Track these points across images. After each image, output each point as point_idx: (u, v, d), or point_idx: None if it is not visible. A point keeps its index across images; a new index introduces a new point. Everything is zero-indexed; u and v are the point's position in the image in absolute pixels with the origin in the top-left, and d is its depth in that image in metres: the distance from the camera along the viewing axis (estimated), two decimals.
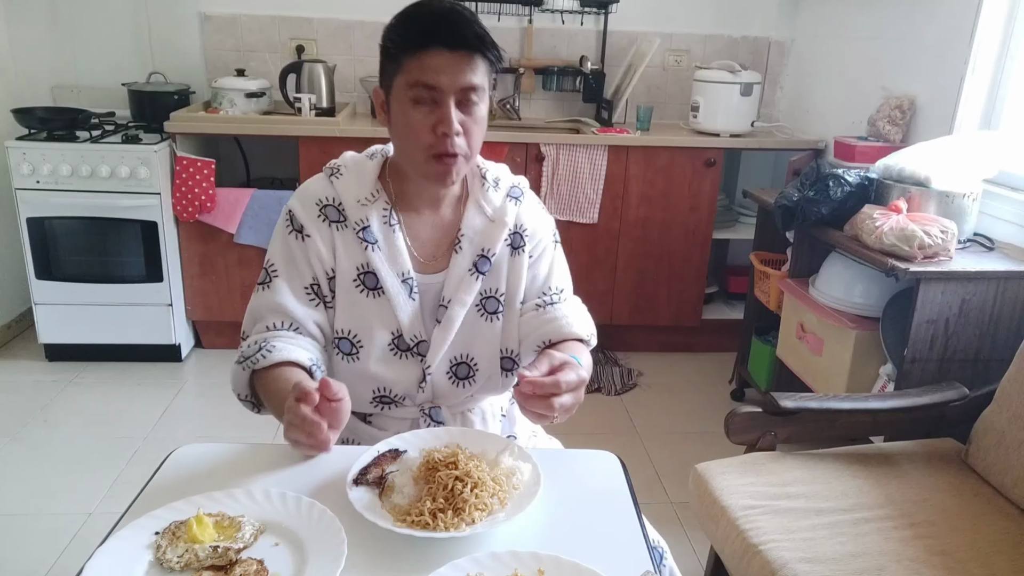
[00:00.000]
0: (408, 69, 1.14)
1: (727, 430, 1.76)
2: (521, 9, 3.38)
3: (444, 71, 1.13)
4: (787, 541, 1.47)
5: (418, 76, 1.14)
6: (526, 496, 0.97)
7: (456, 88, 1.14)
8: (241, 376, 1.22)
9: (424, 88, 1.14)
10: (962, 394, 1.84)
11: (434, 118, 1.15)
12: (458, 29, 1.14)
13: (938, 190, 2.13)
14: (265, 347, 1.19)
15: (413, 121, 1.16)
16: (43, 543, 2.07)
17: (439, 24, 1.13)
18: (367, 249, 1.24)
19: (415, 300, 1.26)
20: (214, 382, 3.03)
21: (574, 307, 1.33)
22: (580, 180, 3.12)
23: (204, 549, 0.86)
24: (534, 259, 1.32)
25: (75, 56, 3.31)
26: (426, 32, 1.13)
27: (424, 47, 1.13)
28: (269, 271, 1.27)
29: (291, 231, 1.26)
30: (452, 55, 1.13)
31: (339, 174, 1.29)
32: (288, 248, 1.26)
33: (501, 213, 1.29)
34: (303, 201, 1.27)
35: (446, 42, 1.13)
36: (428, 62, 1.13)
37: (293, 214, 1.26)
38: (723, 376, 3.22)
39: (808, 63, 3.40)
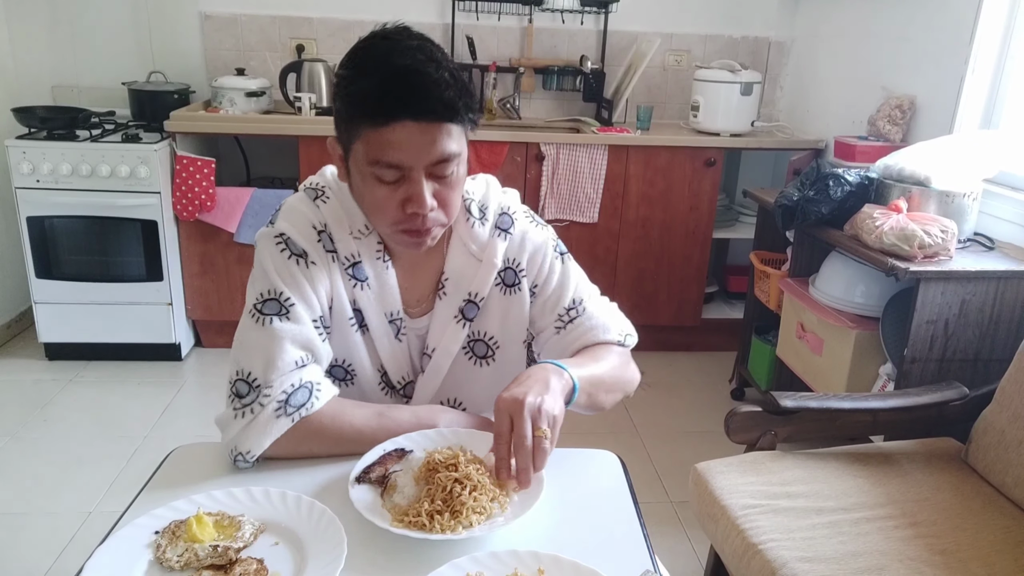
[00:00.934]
0: (367, 142, 0.98)
1: (727, 429, 1.76)
2: (521, 8, 3.38)
3: (409, 147, 0.97)
4: (787, 540, 1.47)
5: (379, 154, 0.98)
6: (527, 502, 0.96)
7: (426, 163, 0.99)
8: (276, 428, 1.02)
9: (387, 167, 0.99)
10: (962, 393, 1.84)
11: (402, 194, 1.01)
12: (423, 97, 0.95)
13: (938, 190, 2.13)
14: (314, 388, 1.05)
15: (378, 198, 1.02)
16: (43, 542, 2.07)
17: (401, 92, 0.95)
18: (355, 287, 1.13)
19: (402, 342, 1.18)
20: (214, 381, 3.03)
21: (599, 311, 1.22)
22: (580, 180, 3.12)
23: (204, 548, 0.86)
24: (539, 288, 1.21)
25: (75, 55, 3.31)
26: (385, 102, 0.95)
27: (385, 121, 0.96)
28: (282, 301, 1.08)
29: (291, 256, 1.10)
30: (417, 126, 0.96)
31: (325, 198, 1.14)
32: (293, 275, 1.09)
33: (490, 252, 1.16)
34: (297, 225, 1.11)
35: (411, 113, 0.95)
36: (389, 138, 0.96)
37: (289, 239, 1.10)
38: (723, 375, 3.22)
39: (808, 63, 3.40)
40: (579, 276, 1.24)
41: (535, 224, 1.22)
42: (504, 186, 1.26)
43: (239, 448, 1.03)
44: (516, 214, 1.20)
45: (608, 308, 1.25)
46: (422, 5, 3.39)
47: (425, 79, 0.96)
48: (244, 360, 1.07)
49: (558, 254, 1.22)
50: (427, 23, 3.40)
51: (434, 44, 1.02)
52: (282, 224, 1.12)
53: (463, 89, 0.99)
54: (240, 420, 1.04)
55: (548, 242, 1.21)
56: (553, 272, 1.21)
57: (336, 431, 1.06)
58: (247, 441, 1.03)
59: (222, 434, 1.07)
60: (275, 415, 1.02)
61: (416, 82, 0.95)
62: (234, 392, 1.06)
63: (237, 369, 1.07)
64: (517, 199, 1.24)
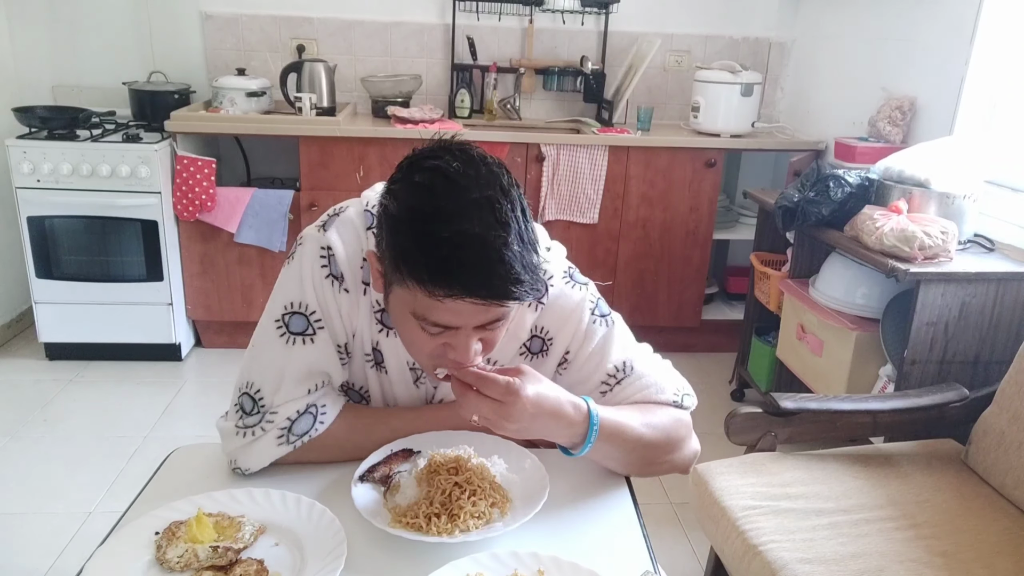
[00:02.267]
0: (416, 298, 0.88)
1: (727, 431, 1.76)
2: (522, 9, 3.38)
3: (463, 315, 0.89)
4: (787, 542, 1.47)
5: (426, 313, 0.89)
6: (527, 508, 0.95)
7: (477, 324, 0.91)
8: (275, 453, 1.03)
9: (432, 325, 0.91)
10: (962, 395, 1.84)
11: (446, 338, 0.93)
12: (490, 280, 0.85)
13: (938, 191, 2.13)
14: (318, 415, 1.04)
15: (419, 338, 0.94)
16: (43, 543, 2.07)
17: (465, 271, 0.84)
18: (381, 332, 1.07)
19: (419, 388, 1.14)
20: (214, 381, 3.03)
21: (650, 370, 1.12)
22: (580, 180, 3.12)
23: (204, 549, 0.86)
24: (573, 353, 1.11)
25: (76, 55, 3.31)
26: (447, 279, 0.84)
27: (442, 295, 0.85)
28: (311, 319, 1.03)
29: (329, 275, 1.03)
30: (477, 303, 0.87)
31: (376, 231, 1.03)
32: (325, 295, 1.04)
33: (516, 326, 1.08)
34: (347, 245, 1.04)
35: (472, 295, 0.85)
36: (446, 306, 0.87)
37: (334, 257, 1.03)
38: (723, 376, 3.22)
39: (808, 63, 3.40)
40: (625, 338, 1.13)
41: (572, 285, 1.11)
42: None
43: (237, 463, 1.05)
44: (552, 280, 1.09)
45: (661, 367, 1.15)
46: (422, 5, 3.39)
47: (492, 255, 0.83)
48: (256, 373, 1.05)
49: (598, 316, 1.11)
50: (428, 23, 3.40)
51: (503, 191, 0.86)
52: (332, 237, 1.04)
53: (530, 260, 0.87)
54: (241, 439, 1.03)
55: (584, 305, 1.10)
56: (591, 337, 1.10)
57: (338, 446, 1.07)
58: (246, 459, 1.04)
59: (222, 441, 1.07)
60: (276, 442, 1.03)
61: (481, 260, 0.83)
62: (239, 405, 1.05)
63: (248, 380, 1.05)
64: (561, 256, 1.14)
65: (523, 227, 0.87)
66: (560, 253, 1.15)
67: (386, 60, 3.43)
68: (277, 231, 3.03)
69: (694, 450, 1.14)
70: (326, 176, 3.02)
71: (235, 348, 3.26)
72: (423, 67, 3.44)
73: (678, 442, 1.10)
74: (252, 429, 1.03)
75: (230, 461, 1.05)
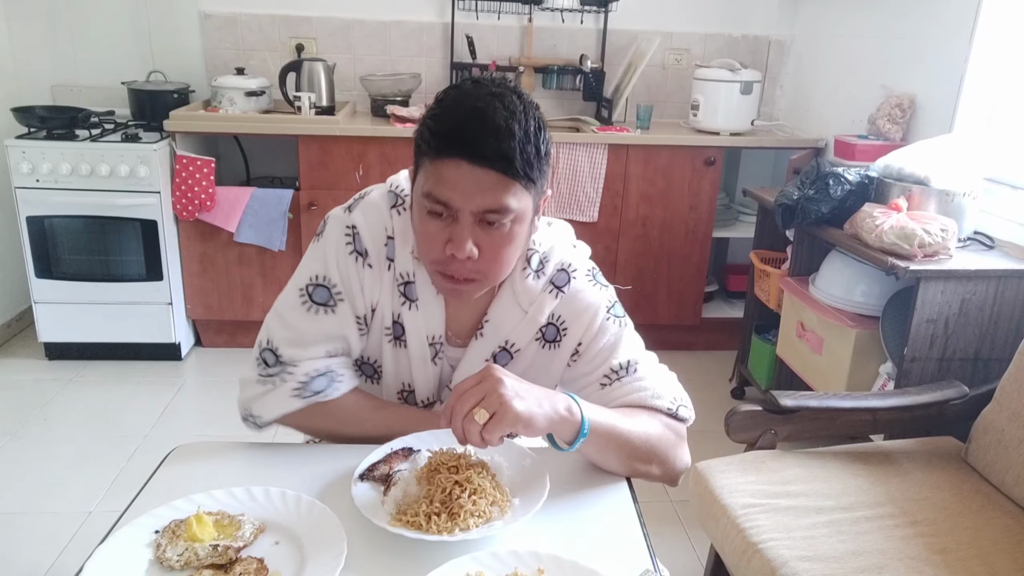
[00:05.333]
0: (425, 174, 0.98)
1: (727, 428, 1.76)
2: (521, 7, 3.38)
3: (460, 187, 0.95)
4: (787, 539, 1.47)
5: (431, 187, 0.96)
6: (527, 507, 0.95)
7: (474, 209, 0.96)
8: (288, 404, 1.09)
9: (436, 202, 0.96)
10: (962, 392, 1.84)
11: (447, 233, 0.98)
12: (481, 141, 0.93)
13: (938, 188, 2.13)
14: (334, 379, 1.10)
15: (426, 231, 1.00)
16: (43, 542, 2.07)
17: (461, 130, 0.94)
18: (404, 304, 1.12)
19: (436, 365, 1.17)
20: (214, 380, 3.03)
21: (652, 376, 1.14)
22: (580, 179, 3.12)
23: (204, 548, 0.86)
24: (584, 347, 1.15)
25: (75, 55, 3.31)
26: (445, 136, 0.94)
27: (441, 155, 0.95)
28: (332, 292, 1.10)
29: (353, 252, 1.10)
30: (472, 169, 0.93)
31: (403, 208, 1.11)
32: (348, 270, 1.10)
33: (536, 308, 1.12)
34: (371, 223, 1.11)
35: (464, 154, 0.93)
36: (444, 173, 0.95)
37: (358, 235, 1.10)
38: (723, 374, 3.22)
39: (808, 62, 3.40)
40: (635, 342, 1.17)
41: (594, 284, 1.16)
42: None
43: (252, 411, 1.11)
44: (576, 272, 1.14)
45: (665, 376, 1.17)
46: (421, 4, 3.38)
47: (488, 123, 0.93)
48: (278, 332, 1.11)
49: (612, 316, 1.15)
50: (427, 22, 3.40)
51: (520, 97, 0.97)
52: (357, 216, 1.11)
53: (528, 146, 0.94)
54: (259, 387, 1.10)
55: (602, 304, 1.15)
56: (603, 333, 1.14)
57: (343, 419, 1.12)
58: (260, 407, 1.10)
59: (240, 391, 1.14)
60: (291, 393, 1.08)
61: (477, 124, 0.93)
62: (261, 359, 1.12)
63: (269, 337, 1.12)
64: (585, 255, 1.19)
65: (530, 125, 0.95)
66: (585, 252, 1.20)
67: (385, 59, 3.43)
68: (277, 230, 3.03)
69: (684, 461, 1.14)
70: (325, 175, 3.02)
71: (235, 347, 3.26)
72: (422, 66, 3.44)
73: (665, 450, 1.10)
74: (272, 379, 1.09)
75: (243, 413, 1.12)
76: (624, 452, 1.06)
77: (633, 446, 1.06)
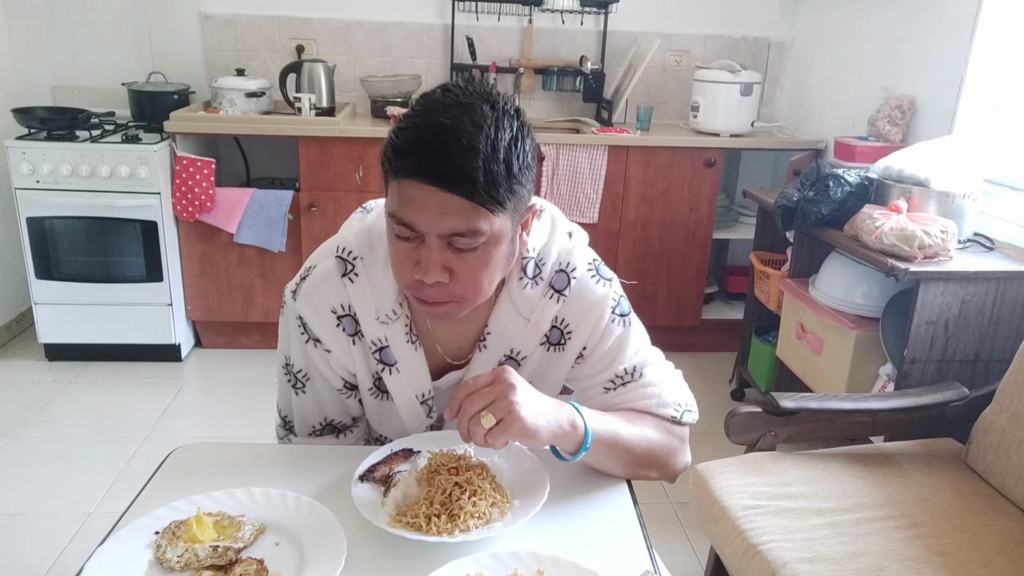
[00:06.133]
0: (391, 193, 0.91)
1: (727, 430, 1.76)
2: (521, 9, 3.38)
3: (424, 210, 0.88)
4: (787, 541, 1.47)
5: (395, 208, 0.90)
6: (527, 508, 0.95)
7: (440, 232, 0.89)
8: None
9: (401, 224, 0.90)
10: (962, 394, 1.84)
11: (416, 255, 0.92)
12: (440, 161, 0.85)
13: (938, 190, 2.13)
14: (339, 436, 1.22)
15: (396, 253, 0.95)
16: (43, 543, 2.07)
17: (423, 149, 0.86)
18: (384, 371, 1.10)
19: (432, 418, 1.15)
20: (214, 382, 3.02)
21: (658, 379, 1.12)
22: (580, 180, 3.12)
23: (204, 549, 0.86)
24: (589, 350, 1.11)
25: (75, 56, 3.31)
26: (406, 156, 0.87)
27: (402, 174, 0.88)
28: (299, 377, 1.14)
29: (308, 340, 1.10)
30: (435, 192, 0.86)
31: (355, 274, 1.06)
32: (309, 357, 1.12)
33: (538, 315, 1.08)
34: (316, 309, 1.07)
35: (424, 175, 0.86)
36: (407, 194, 0.88)
37: (306, 324, 1.09)
38: (723, 376, 3.22)
39: (808, 63, 3.40)
40: (641, 340, 1.14)
41: (597, 280, 1.11)
42: None
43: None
44: (576, 272, 1.09)
45: (671, 377, 1.14)
46: (422, 5, 3.39)
47: (450, 141, 0.85)
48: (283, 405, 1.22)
49: (618, 315, 1.11)
50: (427, 23, 3.40)
51: (494, 107, 0.89)
52: (302, 306, 1.08)
53: (497, 166, 0.87)
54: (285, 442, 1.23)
55: (607, 302, 1.10)
56: (608, 336, 1.10)
57: None
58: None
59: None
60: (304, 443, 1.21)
61: (438, 142, 0.85)
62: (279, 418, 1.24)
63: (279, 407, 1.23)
64: (584, 243, 1.14)
65: (500, 139, 0.87)
66: (583, 240, 1.15)
67: (385, 60, 3.43)
68: (277, 231, 3.03)
69: (685, 462, 1.14)
70: (325, 176, 3.02)
71: (235, 348, 3.26)
72: (422, 67, 3.44)
73: (666, 456, 1.10)
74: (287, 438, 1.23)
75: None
76: (625, 460, 1.06)
77: (634, 454, 1.06)
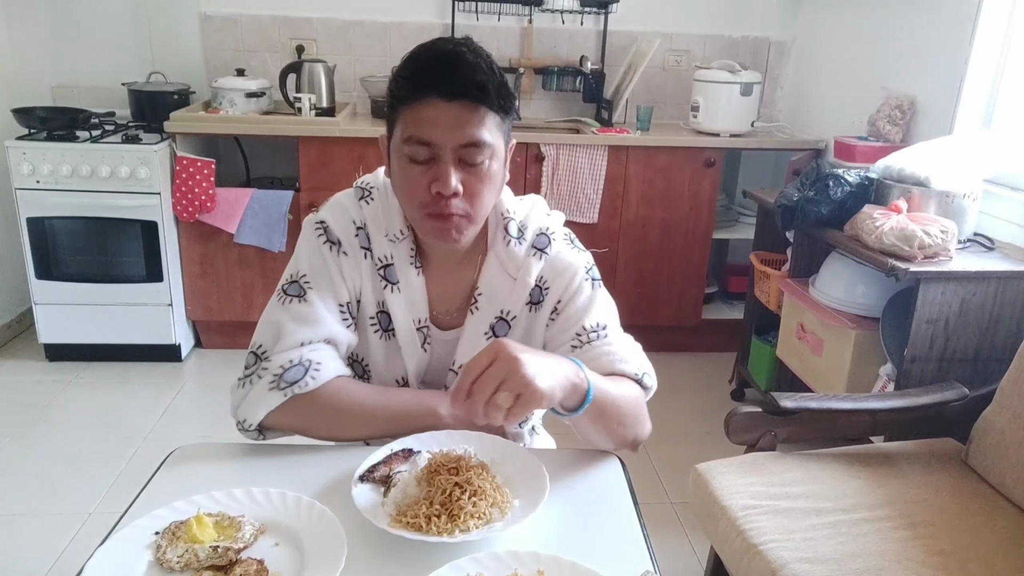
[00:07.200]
0: (404, 121, 1.03)
1: (727, 430, 1.76)
2: (521, 9, 3.38)
3: (440, 125, 1.01)
4: (787, 541, 1.47)
5: (412, 130, 1.02)
6: (527, 508, 0.95)
7: (455, 144, 1.02)
8: (268, 400, 1.07)
9: (419, 144, 1.02)
10: (962, 394, 1.84)
11: (431, 176, 1.03)
12: (456, 76, 1.00)
13: (938, 190, 2.13)
14: (311, 367, 1.07)
15: (409, 178, 1.05)
16: (43, 543, 2.07)
17: (435, 70, 1.01)
18: (386, 288, 1.15)
19: (427, 352, 1.19)
20: (214, 382, 3.03)
21: (621, 343, 1.17)
22: (580, 180, 3.12)
23: (204, 549, 0.86)
24: (562, 305, 1.17)
25: (75, 56, 3.31)
26: (421, 79, 1.01)
27: (419, 97, 1.01)
28: (302, 283, 1.13)
29: (326, 243, 1.14)
30: (450, 106, 1.01)
31: (370, 198, 1.17)
32: (324, 261, 1.14)
33: (524, 271, 1.16)
34: (338, 217, 1.16)
35: (442, 91, 1.00)
36: (424, 114, 1.01)
37: (328, 227, 1.15)
38: (723, 376, 3.22)
39: (808, 63, 3.40)
40: (607, 306, 1.20)
41: (573, 247, 1.21)
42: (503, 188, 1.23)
43: (238, 416, 1.10)
44: (555, 235, 1.19)
45: (632, 345, 1.19)
46: (421, 5, 3.39)
47: (459, 60, 1.00)
48: (258, 334, 1.13)
49: (590, 278, 1.19)
50: (427, 23, 3.40)
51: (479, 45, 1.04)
52: (325, 213, 1.17)
53: (496, 78, 1.02)
54: (241, 390, 1.10)
55: (581, 265, 1.19)
56: (580, 293, 1.17)
57: (335, 406, 1.09)
58: (244, 410, 1.09)
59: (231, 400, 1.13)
60: (268, 387, 1.07)
61: (449, 62, 1.00)
62: (245, 363, 1.13)
63: (252, 342, 1.14)
64: (560, 222, 1.23)
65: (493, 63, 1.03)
66: (559, 219, 1.24)
67: (385, 60, 3.43)
68: (277, 231, 3.03)
69: (648, 430, 1.16)
70: (326, 176, 3.02)
71: (235, 349, 3.26)
72: None
73: (639, 416, 1.13)
74: (250, 378, 1.10)
75: (236, 421, 1.11)
76: (615, 418, 1.07)
77: (622, 412, 1.08)
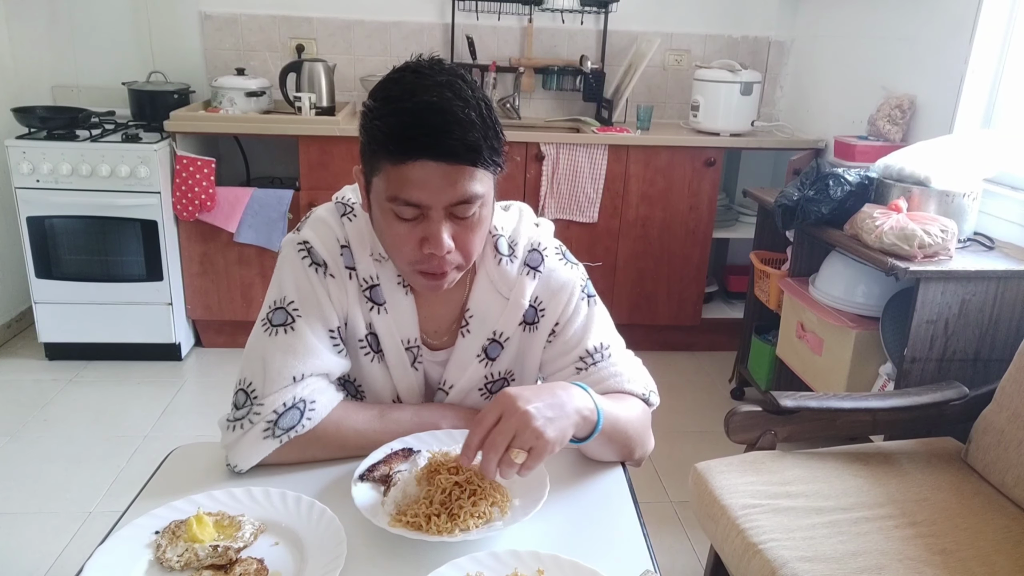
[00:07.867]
0: (388, 178, 0.94)
1: (727, 429, 1.76)
2: (521, 8, 3.38)
3: (429, 187, 0.93)
4: (787, 540, 1.47)
5: (397, 191, 0.94)
6: (527, 507, 0.95)
7: (446, 203, 0.94)
8: (263, 448, 1.02)
9: (406, 205, 0.94)
10: (962, 393, 1.84)
11: (420, 232, 0.96)
12: (445, 137, 0.90)
13: (938, 189, 2.13)
14: (306, 409, 1.03)
15: (397, 235, 0.98)
16: (43, 542, 2.07)
17: (422, 130, 0.91)
18: (372, 310, 1.10)
19: (417, 371, 1.15)
20: (214, 381, 3.03)
21: (624, 361, 1.15)
22: (580, 179, 3.12)
23: (204, 548, 0.86)
24: (560, 327, 1.14)
25: (75, 55, 3.31)
26: (405, 140, 0.91)
27: (404, 158, 0.92)
28: (289, 310, 1.06)
29: (311, 264, 1.08)
30: (439, 167, 0.92)
31: (352, 215, 1.10)
32: (311, 285, 1.07)
33: (517, 292, 1.12)
34: (322, 236, 1.09)
35: (431, 153, 0.91)
36: (410, 176, 0.92)
37: (312, 248, 1.08)
38: (723, 375, 3.22)
39: (808, 63, 3.40)
40: (605, 322, 1.17)
41: (565, 262, 1.16)
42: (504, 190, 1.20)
43: (229, 460, 1.05)
44: (547, 251, 1.15)
45: (634, 362, 1.17)
46: (422, 5, 3.39)
47: (448, 118, 0.91)
48: (247, 369, 1.06)
49: (585, 295, 1.16)
50: (427, 23, 3.40)
51: (465, 80, 0.95)
52: (307, 232, 1.10)
53: (489, 131, 0.94)
54: (232, 433, 1.04)
55: (576, 282, 1.15)
56: (578, 313, 1.14)
57: (334, 438, 1.06)
58: (236, 455, 1.03)
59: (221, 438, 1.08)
60: (263, 435, 1.02)
61: (438, 121, 0.90)
62: (234, 401, 1.06)
63: (241, 377, 1.07)
64: (550, 233, 1.19)
65: (483, 107, 0.94)
66: (549, 230, 1.20)
67: (385, 59, 3.43)
68: (277, 231, 3.03)
69: (651, 446, 1.16)
70: (325, 176, 3.02)
71: (235, 348, 3.26)
72: None
73: (644, 435, 1.13)
74: (241, 422, 1.03)
75: (227, 464, 1.06)
76: (621, 441, 1.07)
77: (627, 435, 1.07)
